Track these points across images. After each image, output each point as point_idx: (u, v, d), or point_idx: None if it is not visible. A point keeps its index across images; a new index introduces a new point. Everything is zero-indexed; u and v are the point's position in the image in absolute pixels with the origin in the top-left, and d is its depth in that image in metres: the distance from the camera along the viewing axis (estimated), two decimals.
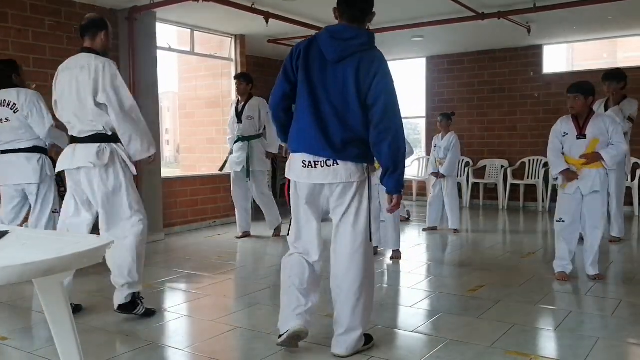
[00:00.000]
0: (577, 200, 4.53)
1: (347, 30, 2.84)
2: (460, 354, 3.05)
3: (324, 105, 2.84)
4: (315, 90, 2.85)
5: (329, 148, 2.82)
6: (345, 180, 2.85)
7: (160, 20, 6.93)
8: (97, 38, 3.66)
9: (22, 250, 1.79)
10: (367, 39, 2.85)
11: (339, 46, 2.81)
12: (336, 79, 2.81)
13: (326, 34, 2.86)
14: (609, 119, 4.56)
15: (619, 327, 3.49)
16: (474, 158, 9.93)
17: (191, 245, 6.45)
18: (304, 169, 2.89)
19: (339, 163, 2.84)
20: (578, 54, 10.70)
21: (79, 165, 3.57)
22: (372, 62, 2.79)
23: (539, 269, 5.01)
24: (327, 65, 2.83)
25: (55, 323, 1.96)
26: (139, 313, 3.70)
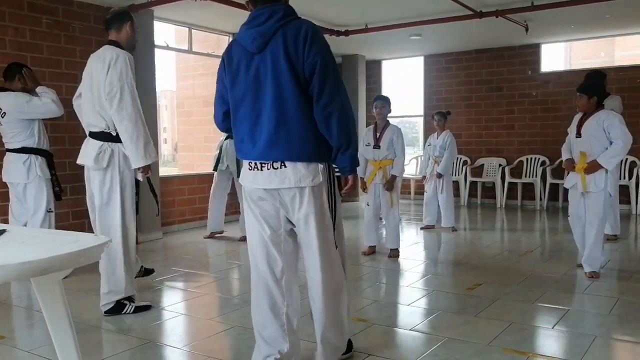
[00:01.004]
0: (577, 194, 4.69)
1: (260, 14, 2.50)
2: (458, 352, 3.05)
3: (258, 105, 2.51)
4: (247, 92, 2.53)
5: (270, 149, 2.48)
6: (294, 185, 2.49)
7: (158, 19, 6.92)
8: (122, 30, 3.70)
9: (19, 248, 1.78)
10: (284, 12, 2.50)
11: (257, 32, 2.48)
12: (266, 67, 2.46)
13: (245, 26, 2.57)
14: (605, 114, 4.56)
15: (616, 325, 3.50)
16: (471, 156, 9.94)
17: (189, 244, 6.44)
18: (249, 171, 2.59)
19: (286, 165, 2.49)
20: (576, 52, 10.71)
21: (84, 162, 3.70)
22: (299, 32, 2.44)
23: (536, 267, 5.02)
24: (253, 58, 2.50)
25: (53, 321, 1.95)
26: (129, 312, 3.74)
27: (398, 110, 10.69)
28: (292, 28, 2.46)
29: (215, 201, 6.70)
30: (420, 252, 6.00)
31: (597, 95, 4.59)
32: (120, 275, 3.69)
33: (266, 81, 2.48)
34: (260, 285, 2.65)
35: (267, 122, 2.48)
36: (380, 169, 5.43)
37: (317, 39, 2.45)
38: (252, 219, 2.64)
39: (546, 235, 7.09)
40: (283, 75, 2.44)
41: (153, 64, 6.79)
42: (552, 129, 9.21)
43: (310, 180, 2.49)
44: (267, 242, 2.61)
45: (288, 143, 2.46)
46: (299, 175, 2.48)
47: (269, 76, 2.47)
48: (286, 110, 2.46)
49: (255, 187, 2.57)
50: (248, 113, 2.54)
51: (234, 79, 2.57)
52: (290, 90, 2.44)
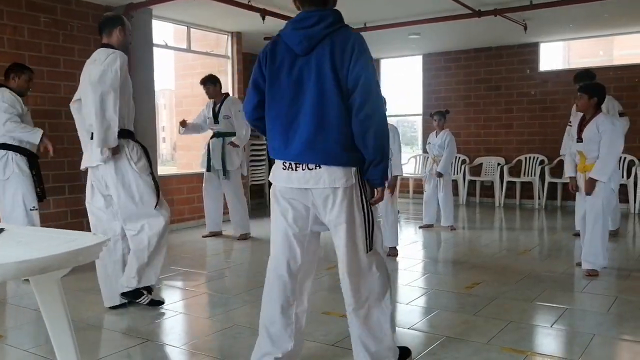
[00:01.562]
0: (583, 196, 4.76)
1: (309, 16, 2.52)
2: (456, 351, 3.05)
3: (298, 106, 2.52)
4: (287, 92, 2.54)
5: (307, 151, 2.50)
6: (329, 185, 2.50)
7: (157, 18, 6.92)
8: (113, 35, 3.76)
9: (17, 247, 1.78)
10: (333, 18, 2.51)
11: (305, 35, 2.50)
12: (310, 71, 2.49)
13: (291, 26, 2.58)
14: (603, 121, 4.55)
15: (615, 323, 3.50)
16: (470, 156, 9.95)
17: (187, 243, 6.44)
18: (283, 171, 2.58)
19: (321, 167, 2.50)
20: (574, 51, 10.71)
21: (92, 164, 3.74)
22: (347, 41, 2.45)
23: (535, 266, 5.02)
24: (297, 59, 2.53)
25: (52, 321, 1.95)
26: (143, 303, 3.82)
27: (397, 109, 10.70)
28: (340, 36, 2.48)
29: (210, 201, 6.70)
30: (419, 250, 6.00)
31: (598, 96, 4.61)
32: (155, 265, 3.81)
33: (308, 85, 2.50)
34: (275, 280, 2.69)
35: (304, 125, 2.49)
36: None
37: (364, 53, 2.47)
38: (280, 216, 2.65)
39: (544, 234, 7.10)
40: (327, 81, 2.46)
41: (151, 63, 6.78)
42: (550, 128, 9.22)
43: (344, 182, 2.50)
44: (292, 240, 2.64)
45: (325, 148, 2.48)
46: (334, 176, 2.50)
47: (312, 80, 2.49)
48: (326, 116, 2.47)
49: (290, 186, 2.58)
50: (284, 113, 2.55)
51: (275, 77, 2.57)
52: (332, 97, 2.46)
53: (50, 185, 5.79)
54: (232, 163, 6.46)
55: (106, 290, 3.87)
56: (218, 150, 6.46)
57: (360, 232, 2.57)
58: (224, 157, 6.42)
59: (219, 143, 6.48)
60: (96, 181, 3.81)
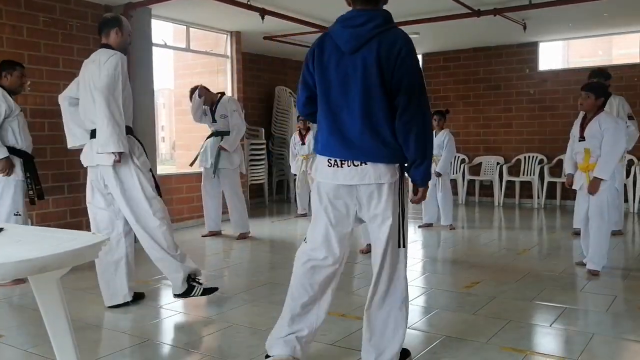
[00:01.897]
0: (583, 196, 4.73)
1: (359, 15, 2.55)
2: (455, 350, 3.05)
3: (345, 103, 2.56)
4: (334, 89, 2.58)
5: (354, 149, 2.55)
6: (374, 181, 2.56)
7: (156, 17, 6.91)
8: (110, 35, 3.80)
9: (17, 247, 1.78)
10: (382, 19, 2.54)
11: (353, 33, 2.52)
12: (356, 70, 2.52)
13: (338, 24, 2.60)
14: (605, 118, 4.56)
15: (614, 322, 3.50)
16: (469, 155, 9.95)
17: (187, 242, 6.43)
18: (329, 168, 2.62)
19: (367, 163, 2.55)
20: (573, 51, 10.74)
21: (95, 163, 3.75)
22: (395, 42, 2.48)
23: (534, 266, 5.03)
24: (344, 57, 2.55)
25: (51, 320, 1.95)
26: (198, 294, 3.89)
27: None
28: (388, 37, 2.50)
29: (209, 200, 6.68)
30: (418, 250, 6.01)
31: (604, 97, 4.62)
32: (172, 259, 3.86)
33: (354, 83, 2.53)
34: (308, 271, 2.74)
35: (350, 123, 2.54)
36: None
37: (410, 56, 2.50)
38: (322, 212, 2.69)
39: (544, 233, 7.10)
40: (373, 81, 2.49)
41: (151, 62, 6.78)
42: (549, 128, 9.23)
43: (389, 177, 2.56)
44: (332, 237, 2.69)
45: (372, 145, 2.53)
46: (379, 172, 2.55)
47: (358, 79, 2.52)
48: (372, 115, 2.52)
49: (335, 183, 2.62)
50: (331, 110, 2.60)
51: (322, 73, 2.61)
52: (377, 96, 2.50)
53: (49, 185, 5.79)
54: (231, 162, 6.45)
55: (106, 289, 3.87)
56: (214, 148, 6.46)
57: (397, 227, 2.63)
58: (218, 156, 6.41)
59: (216, 142, 6.49)
60: (95, 180, 3.82)
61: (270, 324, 3.47)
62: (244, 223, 6.60)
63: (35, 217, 5.63)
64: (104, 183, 3.79)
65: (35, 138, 5.71)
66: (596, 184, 4.52)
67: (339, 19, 2.62)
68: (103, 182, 3.79)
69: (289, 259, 5.51)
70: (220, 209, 6.77)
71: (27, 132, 4.73)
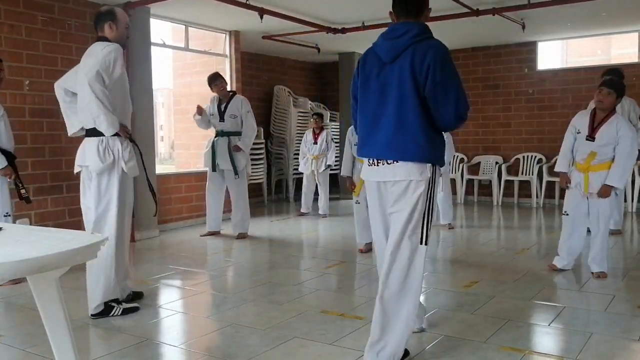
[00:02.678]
0: (579, 195, 4.57)
1: (398, 27, 2.83)
2: (454, 350, 3.06)
3: (382, 109, 2.82)
4: (374, 96, 2.86)
5: (387, 149, 2.80)
6: (404, 178, 2.78)
7: (154, 16, 6.91)
8: (104, 29, 3.74)
9: (16, 246, 1.78)
10: (418, 30, 2.77)
11: (392, 44, 2.80)
12: (393, 78, 2.78)
13: (382, 37, 2.89)
14: (623, 124, 4.41)
15: (613, 322, 3.51)
16: (468, 154, 9.95)
17: (186, 242, 6.44)
18: (369, 167, 2.92)
19: (398, 162, 2.79)
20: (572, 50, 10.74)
21: (85, 163, 3.71)
22: (427, 53, 2.71)
23: (533, 265, 5.03)
24: (384, 67, 2.83)
25: (49, 320, 1.95)
26: (117, 314, 3.69)
27: None
28: (422, 46, 2.74)
29: (212, 200, 6.67)
30: None
31: (622, 97, 4.48)
32: (110, 276, 3.67)
33: (391, 90, 2.80)
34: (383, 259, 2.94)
35: (386, 126, 2.80)
36: None
37: (441, 62, 2.72)
38: (373, 206, 2.99)
39: (542, 232, 7.11)
40: (406, 87, 2.74)
41: (149, 62, 6.77)
42: (548, 127, 9.23)
43: (418, 175, 2.77)
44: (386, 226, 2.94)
45: (402, 146, 2.77)
46: (409, 170, 2.77)
47: (394, 86, 2.78)
48: (404, 118, 2.76)
49: (374, 180, 2.91)
50: (370, 115, 2.88)
51: (365, 83, 2.91)
52: (411, 101, 2.75)
53: (48, 184, 5.79)
54: (239, 163, 6.44)
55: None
56: (224, 149, 6.41)
57: (420, 224, 2.81)
58: (232, 156, 6.39)
59: (224, 142, 6.43)
60: (87, 179, 3.78)
61: (269, 324, 3.49)
62: (245, 224, 6.60)
63: (33, 217, 5.62)
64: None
65: (34, 137, 5.74)
66: (609, 191, 4.39)
67: (382, 34, 2.90)
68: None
69: (288, 258, 5.53)
70: (222, 209, 6.76)
71: (11, 132, 4.64)
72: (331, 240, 6.56)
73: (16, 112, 5.46)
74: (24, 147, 5.55)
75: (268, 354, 3.03)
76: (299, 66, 11.01)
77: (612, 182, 4.36)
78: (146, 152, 6.68)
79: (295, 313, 3.70)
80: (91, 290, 3.67)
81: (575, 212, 4.63)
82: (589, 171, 4.47)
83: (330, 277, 4.76)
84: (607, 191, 4.41)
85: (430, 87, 2.70)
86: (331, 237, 6.71)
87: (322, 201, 8.23)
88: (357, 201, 5.59)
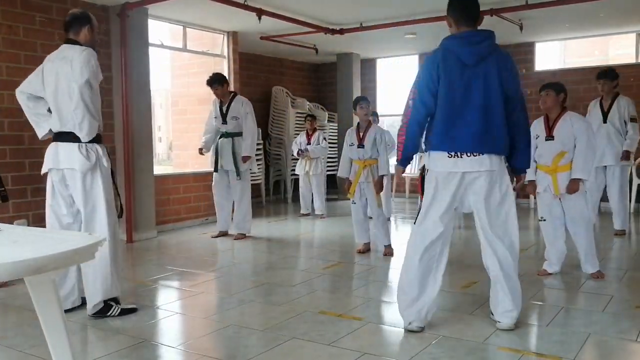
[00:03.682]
0: (549, 199, 4.58)
1: (475, 35, 3.27)
2: (452, 350, 3.06)
3: (468, 105, 3.17)
4: (458, 94, 3.18)
5: (476, 143, 3.17)
6: (490, 168, 3.20)
7: (152, 17, 6.90)
8: (80, 33, 3.66)
9: (13, 247, 1.78)
10: (493, 39, 3.31)
11: (476, 50, 3.21)
12: (478, 79, 3.17)
13: (458, 41, 3.25)
14: (576, 118, 4.49)
15: (610, 322, 3.51)
16: None
17: (184, 243, 6.43)
18: (449, 159, 3.21)
19: (484, 154, 3.19)
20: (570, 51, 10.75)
21: (64, 166, 3.63)
22: (507, 60, 3.28)
23: (530, 266, 5.03)
24: (467, 68, 3.18)
25: (47, 321, 1.95)
26: (115, 315, 3.67)
27: (392, 108, 10.70)
28: (501, 55, 3.29)
29: (224, 201, 6.63)
30: None
31: (564, 92, 4.52)
32: (108, 274, 3.65)
33: (476, 90, 3.18)
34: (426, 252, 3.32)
35: (473, 122, 3.17)
36: (366, 168, 5.44)
37: (518, 71, 3.37)
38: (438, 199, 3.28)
39: (540, 233, 7.09)
40: (493, 88, 3.19)
41: (147, 62, 6.76)
42: None
43: (499, 164, 3.25)
44: (445, 220, 3.30)
45: (491, 141, 3.20)
46: (493, 161, 3.22)
47: (480, 86, 3.18)
48: (491, 116, 3.19)
49: (455, 170, 3.22)
50: (454, 110, 3.19)
51: (449, 82, 3.19)
52: (496, 101, 3.20)
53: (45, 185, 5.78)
54: (242, 165, 6.45)
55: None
56: (228, 151, 6.42)
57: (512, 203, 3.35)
58: (236, 157, 6.40)
59: (228, 143, 6.44)
60: (57, 182, 3.72)
61: (267, 324, 3.49)
62: (246, 225, 6.60)
63: (31, 218, 5.61)
64: (66, 185, 3.69)
65: (31, 138, 5.72)
66: (577, 185, 4.39)
67: (456, 37, 3.29)
68: (66, 184, 3.69)
69: (286, 259, 5.53)
70: (231, 208, 6.74)
71: None
72: (329, 240, 6.56)
73: (14, 112, 5.44)
74: (23, 148, 5.54)
75: (266, 355, 3.03)
76: (297, 67, 11.01)
77: (576, 174, 4.37)
78: (144, 152, 6.71)
79: (293, 314, 3.70)
80: (89, 290, 3.65)
81: (551, 216, 4.62)
82: (557, 172, 4.46)
83: (328, 278, 4.76)
84: (575, 185, 4.39)
85: (513, 90, 3.23)
86: (329, 238, 6.71)
87: (317, 202, 8.24)
88: (353, 201, 5.60)
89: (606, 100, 6.24)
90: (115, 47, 6.45)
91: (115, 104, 6.53)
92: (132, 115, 6.52)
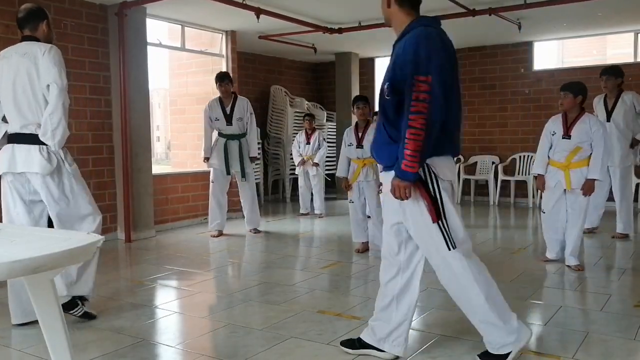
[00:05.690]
0: (557, 194, 4.78)
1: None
2: (450, 350, 3.06)
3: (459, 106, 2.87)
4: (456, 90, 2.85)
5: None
6: None
7: (150, 16, 6.89)
8: (39, 29, 3.46)
9: (11, 247, 1.78)
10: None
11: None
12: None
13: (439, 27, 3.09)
14: (594, 120, 4.67)
15: (609, 321, 3.51)
16: (465, 154, 9.95)
17: (182, 242, 6.43)
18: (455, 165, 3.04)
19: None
20: (568, 50, 10.76)
21: (22, 170, 3.40)
22: None
23: (529, 265, 5.04)
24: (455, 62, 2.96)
25: (46, 320, 1.95)
26: (77, 314, 3.55)
27: None
28: None
29: (223, 200, 6.69)
30: None
31: (583, 95, 4.66)
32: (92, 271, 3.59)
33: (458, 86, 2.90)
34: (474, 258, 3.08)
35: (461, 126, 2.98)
36: (364, 167, 5.44)
37: None
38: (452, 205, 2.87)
39: (539, 232, 7.11)
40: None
41: (145, 62, 6.76)
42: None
43: None
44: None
45: None
46: None
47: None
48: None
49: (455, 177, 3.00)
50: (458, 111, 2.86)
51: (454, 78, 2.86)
52: None
53: None
54: (249, 164, 6.60)
55: (15, 305, 3.51)
56: (236, 152, 6.50)
57: None
58: (242, 160, 6.47)
59: (236, 146, 6.52)
60: (19, 186, 3.47)
61: (266, 324, 3.48)
62: (259, 220, 6.85)
63: None
64: (31, 189, 3.45)
65: None
66: (591, 185, 4.60)
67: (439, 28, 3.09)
68: (31, 188, 3.45)
69: (284, 258, 5.52)
70: (227, 209, 6.84)
71: None
72: (328, 240, 6.56)
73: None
74: None
75: (265, 354, 3.03)
76: (295, 66, 11.00)
77: (593, 175, 4.58)
78: (142, 152, 6.70)
79: (291, 313, 3.70)
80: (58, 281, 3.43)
81: (554, 210, 4.85)
82: (570, 168, 4.66)
83: (326, 277, 4.76)
84: (590, 186, 4.60)
85: None
86: (328, 237, 6.71)
87: (317, 201, 8.25)
88: (351, 200, 5.60)
89: (610, 99, 6.17)
90: (114, 46, 6.44)
91: (114, 104, 6.52)
92: (131, 114, 6.51)
